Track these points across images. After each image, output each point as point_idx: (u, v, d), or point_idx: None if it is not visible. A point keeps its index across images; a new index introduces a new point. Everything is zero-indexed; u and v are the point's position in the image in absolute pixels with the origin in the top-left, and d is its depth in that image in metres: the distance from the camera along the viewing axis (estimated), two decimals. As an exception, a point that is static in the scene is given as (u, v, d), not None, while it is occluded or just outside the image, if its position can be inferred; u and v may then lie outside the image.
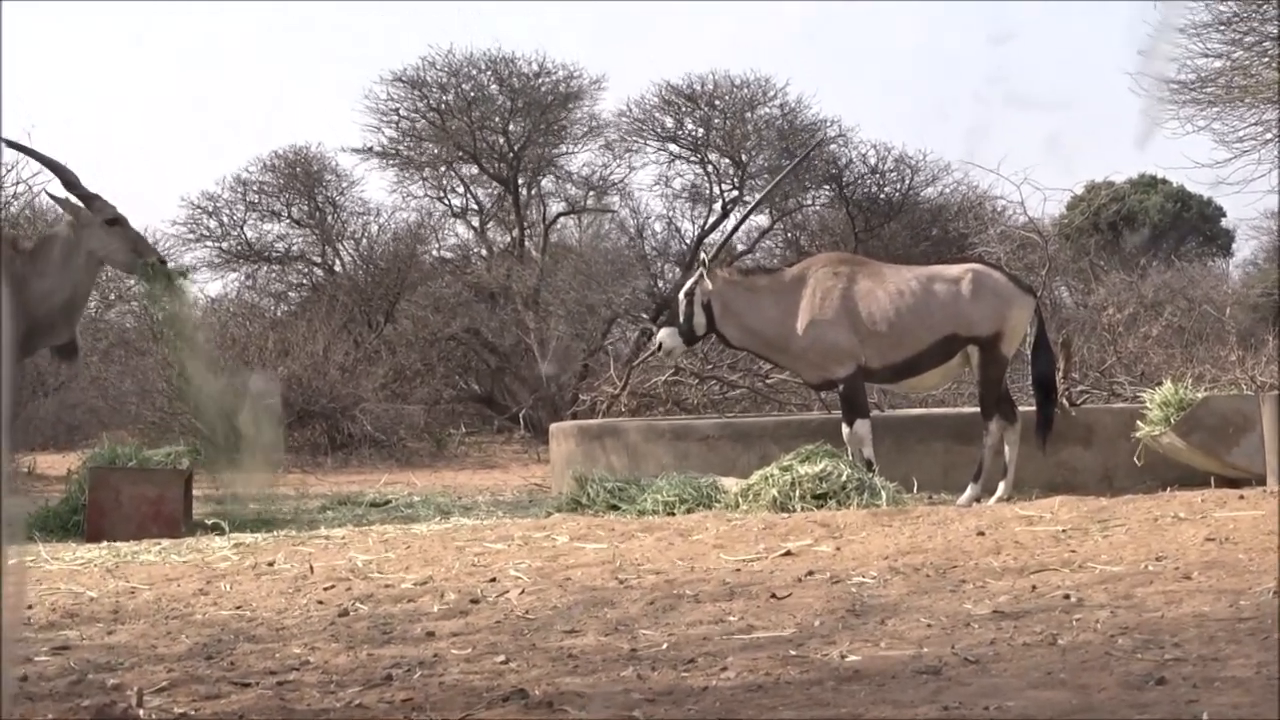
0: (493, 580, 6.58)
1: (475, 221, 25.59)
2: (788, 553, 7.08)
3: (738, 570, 6.63)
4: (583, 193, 25.79)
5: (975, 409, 10.75)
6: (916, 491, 10.04)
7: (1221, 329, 18.07)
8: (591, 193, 25.71)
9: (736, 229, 24.15)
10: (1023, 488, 10.12)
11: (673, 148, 25.01)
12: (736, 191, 24.48)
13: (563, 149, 25.67)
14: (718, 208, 24.56)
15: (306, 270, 24.80)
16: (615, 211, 25.51)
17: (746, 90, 24.68)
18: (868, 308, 10.31)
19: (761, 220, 25.10)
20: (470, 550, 7.63)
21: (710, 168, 24.79)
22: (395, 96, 24.97)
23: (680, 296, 10.59)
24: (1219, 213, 33.00)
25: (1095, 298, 20.08)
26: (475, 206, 25.58)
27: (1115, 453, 10.73)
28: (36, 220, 17.26)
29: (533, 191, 25.52)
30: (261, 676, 4.72)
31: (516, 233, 24.94)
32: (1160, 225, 31.65)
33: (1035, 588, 5.80)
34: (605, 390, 16.76)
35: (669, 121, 25.02)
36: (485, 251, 25.09)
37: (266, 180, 24.58)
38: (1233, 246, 32.94)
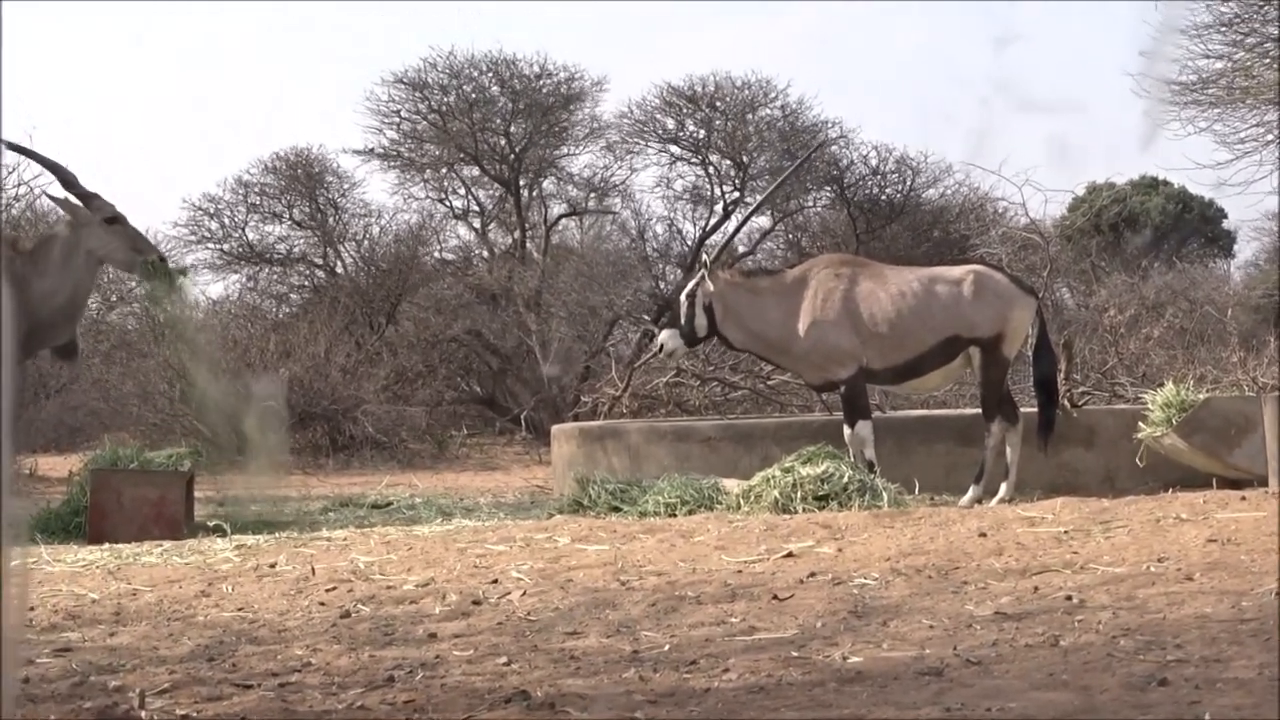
0: (494, 582, 6.58)
1: (477, 223, 25.60)
2: (789, 554, 7.07)
3: (739, 572, 6.63)
4: (584, 194, 25.79)
5: (977, 410, 10.75)
6: (918, 493, 10.04)
7: (1223, 330, 18.07)
8: (593, 194, 25.71)
9: (738, 231, 24.16)
10: (1024, 489, 10.12)
11: (674, 149, 25.02)
12: (738, 193, 24.47)
13: (564, 150, 25.69)
14: (719, 209, 24.56)
15: (308, 272, 24.79)
16: (617, 213, 25.53)
17: (748, 92, 24.68)
18: (869, 309, 10.31)
19: (763, 222, 25.11)
20: (472, 552, 7.62)
21: (712, 169, 24.79)
22: (396, 98, 25.00)
23: (682, 298, 10.58)
24: (1220, 214, 33.01)
25: (1097, 299, 20.09)
26: (477, 208, 25.59)
27: (1117, 454, 10.72)
28: (38, 222, 17.26)
29: (534, 193, 25.52)
30: (263, 678, 4.71)
31: (518, 234, 24.93)
32: (1162, 227, 31.65)
33: (1037, 589, 5.80)
34: (607, 392, 16.77)
35: (670, 123, 25.02)
36: (487, 253, 25.09)
37: (268, 182, 24.59)
38: (1234, 248, 32.97)
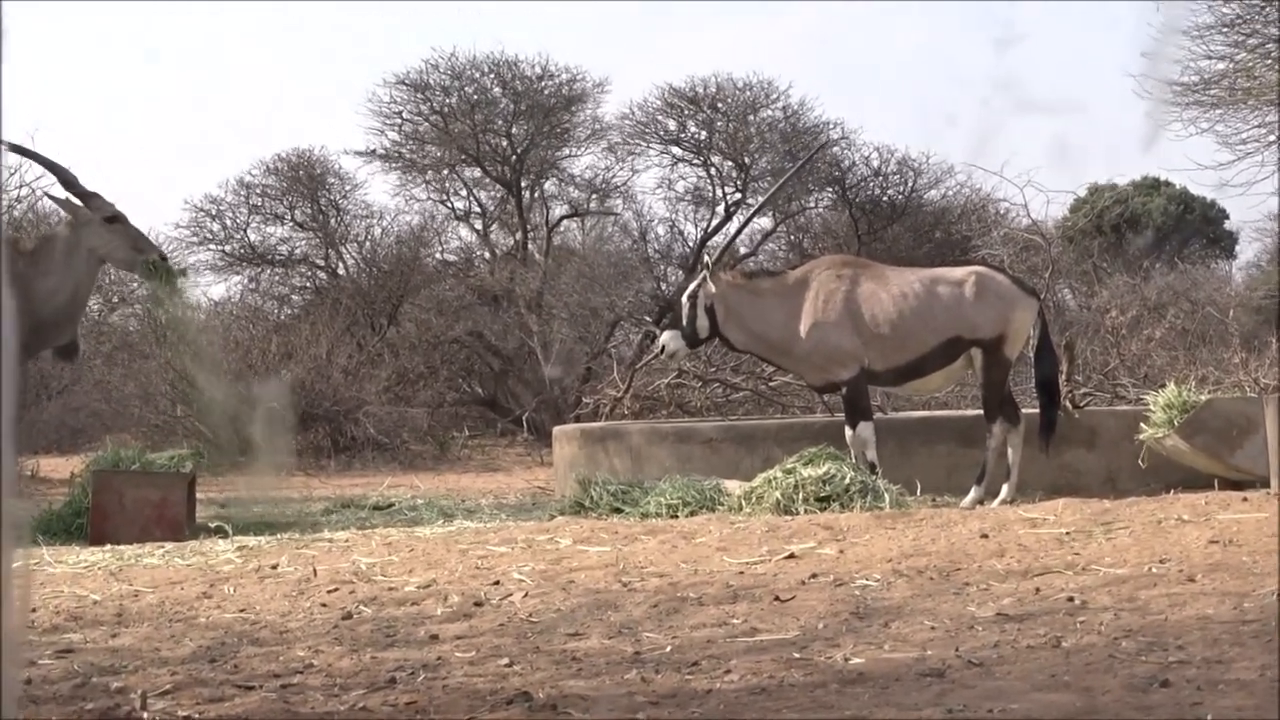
0: (496, 583, 6.58)
1: (478, 224, 25.60)
2: (791, 555, 7.07)
3: (741, 573, 6.63)
4: (586, 196, 25.79)
5: (978, 411, 10.75)
6: (920, 494, 10.04)
7: (1225, 331, 18.06)
8: (594, 196, 25.71)
9: (739, 232, 24.13)
10: (1026, 490, 10.11)
11: (676, 150, 25.00)
12: (739, 194, 24.47)
13: (566, 152, 25.68)
14: (721, 210, 24.55)
15: (310, 273, 24.78)
16: (618, 214, 25.52)
17: (749, 93, 24.67)
18: (871, 310, 10.31)
19: (764, 223, 25.09)
20: (474, 553, 7.62)
21: (713, 170, 24.78)
22: (398, 99, 25.00)
23: (683, 299, 10.58)
24: (1222, 215, 33.00)
25: (1098, 300, 20.09)
26: (478, 209, 25.59)
27: (1119, 455, 10.72)
28: (39, 223, 17.27)
29: (536, 194, 25.51)
30: (265, 680, 4.71)
31: (519, 235, 24.93)
32: (1163, 227, 31.63)
33: (1039, 590, 5.80)
34: (608, 393, 16.77)
35: (672, 124, 25.00)
36: (488, 254, 25.09)
37: (269, 183, 24.59)
38: (1236, 249, 32.95)
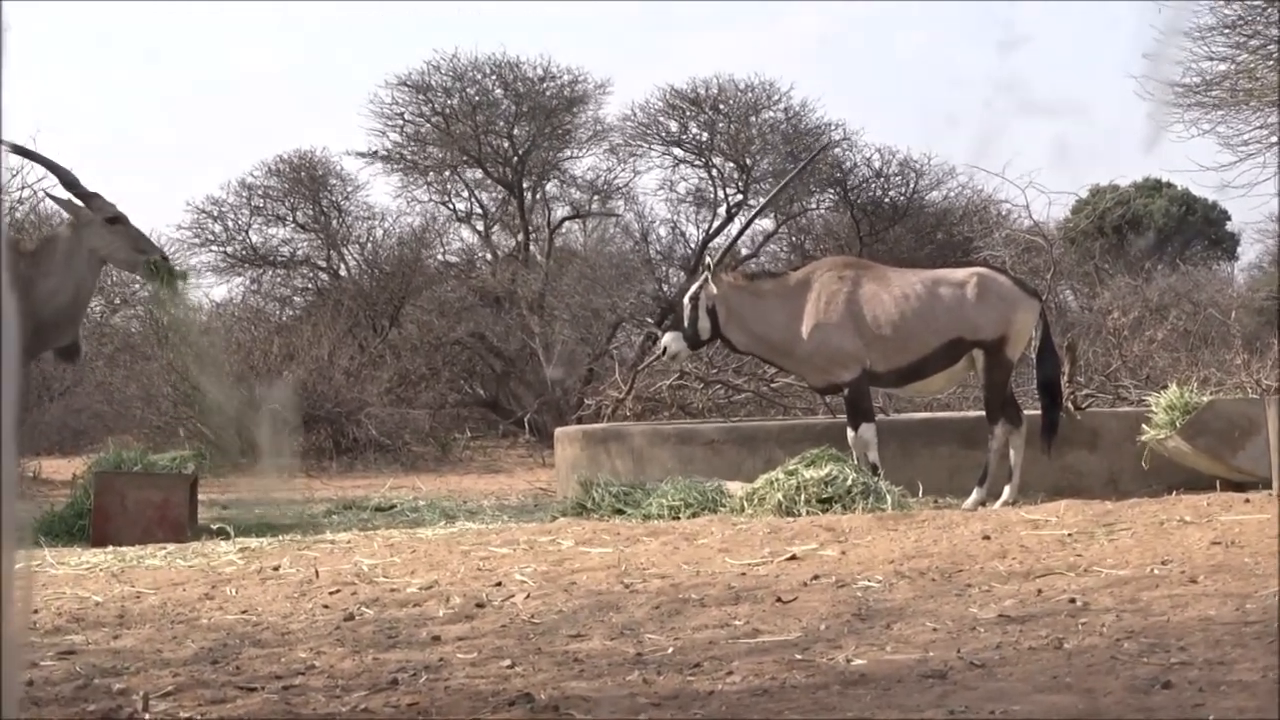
0: (498, 584, 6.58)
1: (480, 226, 25.58)
2: (793, 557, 7.07)
3: (743, 574, 6.63)
4: (587, 197, 25.77)
5: (980, 413, 10.75)
6: (922, 495, 10.04)
7: (1227, 333, 18.06)
8: (596, 197, 25.69)
9: (741, 233, 24.11)
10: (1028, 491, 10.12)
11: (677, 152, 24.97)
12: (741, 195, 24.45)
13: (567, 153, 25.66)
14: (722, 212, 24.52)
15: (311, 275, 24.78)
16: (620, 216, 25.51)
17: (751, 94, 24.64)
18: (872, 311, 10.31)
19: (766, 224, 25.06)
20: (475, 554, 7.62)
21: (715, 172, 24.76)
22: (400, 101, 24.97)
23: (685, 301, 10.58)
24: (1224, 216, 33.00)
25: (1100, 301, 20.09)
26: (480, 211, 25.57)
27: (1120, 456, 10.71)
28: (41, 225, 17.28)
29: (537, 196, 25.50)
30: (267, 681, 4.71)
31: (521, 237, 24.91)
32: (1165, 229, 31.64)
33: (1041, 592, 5.80)
34: (610, 394, 16.76)
35: (674, 126, 24.97)
36: (490, 256, 25.07)
37: (271, 185, 24.57)
38: (1238, 250, 32.95)
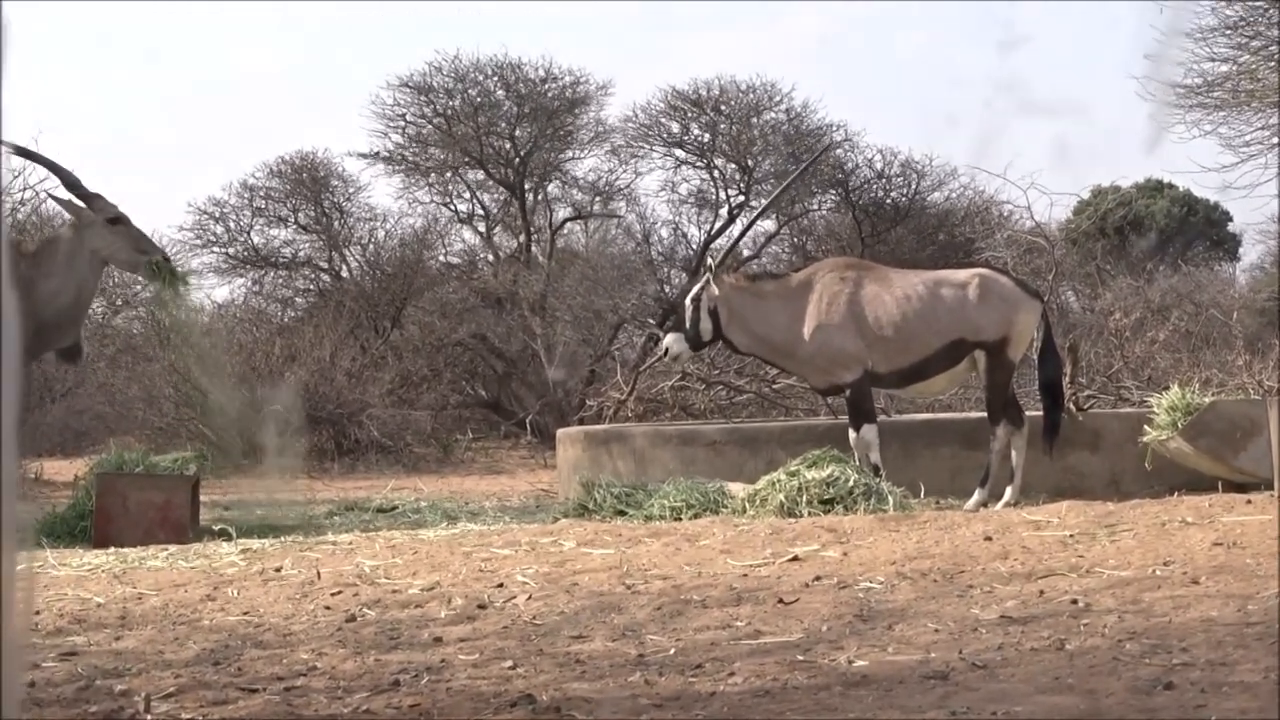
0: (500, 586, 6.58)
1: (482, 227, 25.57)
2: (795, 558, 7.07)
3: (745, 575, 6.63)
4: (589, 198, 25.77)
5: (982, 414, 10.75)
6: (923, 496, 10.05)
7: (1228, 334, 18.06)
8: (598, 198, 25.69)
9: (743, 234, 24.12)
10: (1030, 492, 10.12)
11: (679, 153, 24.95)
12: (743, 197, 24.43)
13: (569, 154, 25.66)
14: (724, 213, 24.50)
15: (313, 276, 24.77)
16: (622, 217, 25.50)
17: (753, 95, 24.62)
18: (874, 312, 10.31)
19: (768, 225, 25.07)
20: (477, 556, 7.62)
21: (716, 173, 24.74)
22: (401, 102, 24.96)
23: (687, 302, 10.59)
24: (1225, 217, 32.98)
25: (1102, 302, 20.09)
26: (481, 212, 25.57)
27: (1122, 457, 10.72)
28: (43, 226, 17.29)
29: (539, 197, 25.49)
30: (269, 682, 4.71)
31: (523, 238, 24.91)
32: (1167, 230, 31.63)
33: (1043, 593, 5.80)
34: (612, 396, 16.76)
35: (675, 127, 24.96)
36: (492, 257, 25.07)
37: (273, 186, 24.56)
38: (1239, 251, 32.92)
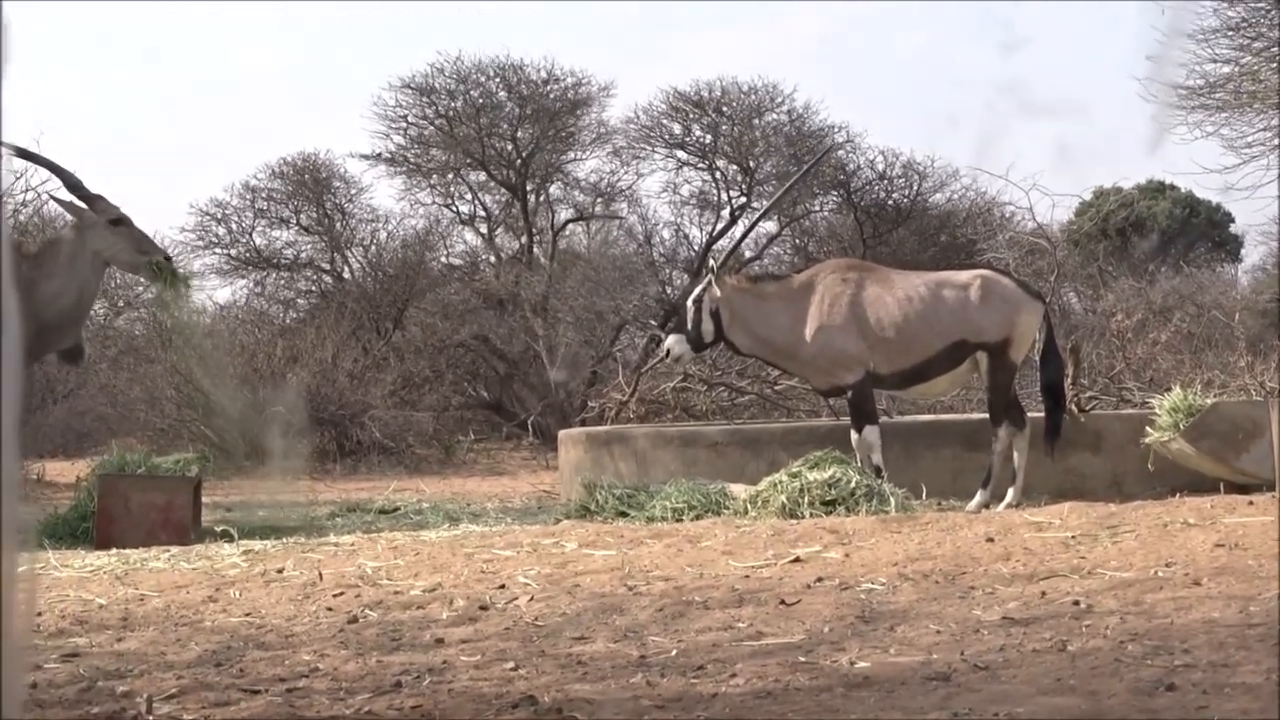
0: (502, 587, 6.58)
1: (483, 228, 25.59)
2: (797, 559, 7.07)
3: (747, 577, 6.63)
4: (591, 199, 25.78)
5: (984, 415, 10.75)
6: (925, 498, 10.04)
7: (1230, 335, 18.06)
8: (600, 199, 25.70)
9: (745, 236, 24.13)
10: (1032, 494, 10.12)
11: (681, 154, 24.96)
12: (744, 198, 24.44)
13: (571, 156, 25.67)
14: (726, 214, 24.51)
15: (315, 277, 24.78)
16: (623, 218, 25.50)
17: (754, 97, 24.63)
18: (876, 314, 10.31)
19: (770, 226, 25.07)
20: (479, 557, 7.62)
21: (718, 174, 24.75)
22: (403, 103, 24.98)
23: (689, 303, 10.59)
24: (1227, 218, 32.98)
25: (1104, 304, 20.11)
26: (483, 213, 25.58)
27: (1124, 459, 10.72)
28: (45, 227, 17.30)
29: (541, 198, 25.51)
30: (271, 684, 4.71)
31: (525, 239, 24.93)
32: (1169, 231, 31.64)
33: (1045, 594, 5.79)
34: (614, 397, 16.76)
35: (677, 128, 24.97)
36: (493, 258, 25.09)
37: (275, 187, 24.57)
38: (1241, 252, 32.93)
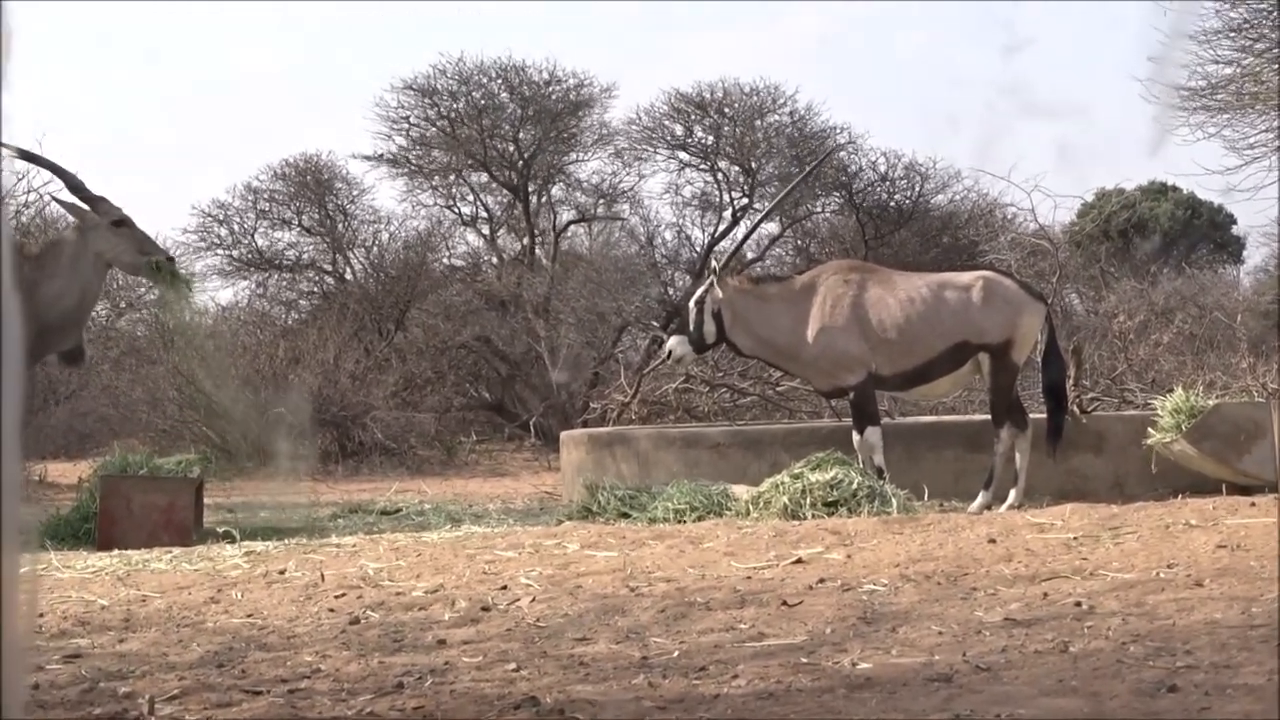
0: (504, 588, 6.58)
1: (485, 229, 25.59)
2: (799, 560, 7.07)
3: (749, 578, 6.63)
4: (593, 200, 25.77)
5: (986, 416, 10.74)
6: (927, 499, 10.03)
7: (1232, 336, 18.07)
8: (601, 200, 25.70)
9: (747, 237, 24.12)
10: (1034, 495, 10.12)
11: (682, 155, 24.97)
12: (746, 199, 24.45)
13: (573, 157, 25.67)
14: (728, 215, 24.52)
15: (317, 278, 24.79)
16: (625, 219, 25.50)
17: (756, 98, 24.64)
18: (878, 315, 10.30)
19: (772, 228, 25.06)
20: (481, 558, 7.62)
21: (720, 175, 24.76)
22: (406, 104, 24.98)
23: (691, 305, 10.59)
24: (1229, 220, 32.99)
25: (1106, 305, 20.10)
26: (485, 214, 25.57)
27: (1126, 460, 10.72)
28: (47, 228, 17.31)
29: (543, 199, 25.50)
30: (273, 685, 4.71)
31: (527, 240, 24.93)
32: (1171, 232, 31.65)
33: (1047, 595, 5.79)
34: (616, 398, 16.76)
35: (679, 129, 24.98)
36: (495, 259, 25.09)
37: (277, 188, 24.58)
38: (1243, 253, 32.95)
